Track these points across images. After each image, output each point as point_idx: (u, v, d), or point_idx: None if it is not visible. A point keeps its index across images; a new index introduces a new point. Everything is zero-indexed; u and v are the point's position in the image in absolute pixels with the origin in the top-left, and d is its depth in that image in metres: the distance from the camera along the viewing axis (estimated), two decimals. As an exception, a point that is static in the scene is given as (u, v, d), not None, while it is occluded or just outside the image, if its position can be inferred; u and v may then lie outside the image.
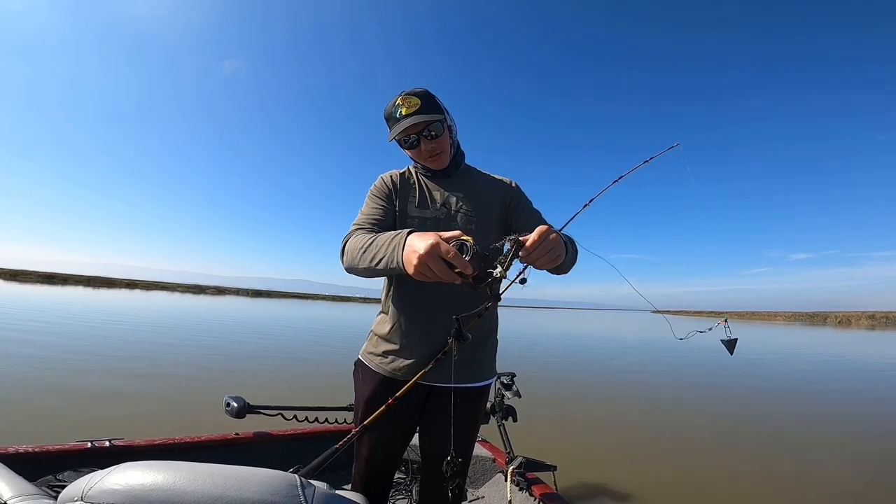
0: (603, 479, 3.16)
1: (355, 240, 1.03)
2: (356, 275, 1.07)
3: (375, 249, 0.93)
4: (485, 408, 1.31)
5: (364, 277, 1.08)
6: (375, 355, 1.17)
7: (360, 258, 0.98)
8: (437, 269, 0.76)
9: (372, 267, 0.95)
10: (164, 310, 20.55)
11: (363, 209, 1.19)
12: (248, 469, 0.58)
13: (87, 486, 0.52)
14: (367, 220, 1.14)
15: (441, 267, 0.75)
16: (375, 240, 0.95)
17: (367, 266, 0.96)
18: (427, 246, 0.76)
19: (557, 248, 0.84)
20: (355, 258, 1.00)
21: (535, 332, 19.57)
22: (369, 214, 1.15)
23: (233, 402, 1.80)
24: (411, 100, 1.07)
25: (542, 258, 0.82)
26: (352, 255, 1.02)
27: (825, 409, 6.16)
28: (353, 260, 1.01)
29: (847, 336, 29.92)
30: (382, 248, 0.91)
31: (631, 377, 8.39)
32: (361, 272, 1.03)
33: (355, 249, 1.00)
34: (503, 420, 2.27)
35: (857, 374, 10.18)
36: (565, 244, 0.94)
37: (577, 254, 1.12)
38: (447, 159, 1.18)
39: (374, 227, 1.12)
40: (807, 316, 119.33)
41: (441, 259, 0.75)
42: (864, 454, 4.14)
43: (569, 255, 1.00)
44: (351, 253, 1.03)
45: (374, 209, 1.16)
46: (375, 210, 1.16)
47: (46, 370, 5.44)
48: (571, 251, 1.05)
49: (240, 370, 6.67)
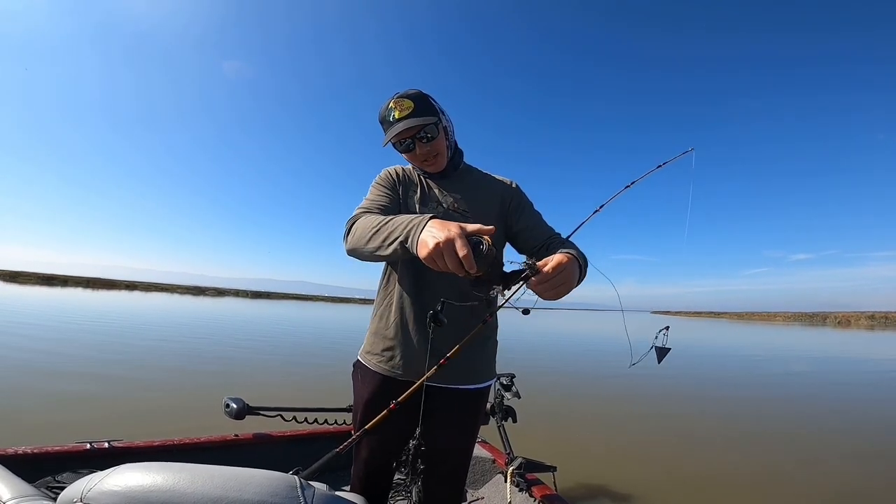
0: (603, 479, 3.16)
1: (368, 219, 0.99)
2: (357, 256, 1.03)
3: (392, 228, 0.89)
4: (484, 409, 1.31)
5: (365, 260, 1.03)
6: (373, 354, 1.17)
7: (370, 237, 0.94)
8: (450, 262, 0.74)
9: (382, 246, 0.90)
10: (163, 311, 20.52)
11: (368, 196, 1.17)
12: (248, 470, 0.58)
13: (87, 488, 0.52)
14: (373, 205, 1.12)
15: (454, 262, 0.74)
16: (392, 219, 0.91)
17: (378, 245, 0.92)
18: (447, 236, 0.73)
19: (569, 283, 0.84)
20: (364, 236, 0.96)
21: (535, 332, 19.57)
22: (375, 200, 1.14)
23: (232, 403, 1.80)
24: (404, 102, 1.05)
25: (550, 292, 0.82)
26: (361, 234, 0.97)
27: (823, 409, 6.16)
28: (362, 238, 0.96)
29: (846, 336, 29.93)
30: (399, 227, 0.86)
31: (630, 378, 8.38)
32: (365, 254, 0.99)
33: (367, 228, 0.96)
34: (503, 421, 2.27)
35: (856, 374, 10.19)
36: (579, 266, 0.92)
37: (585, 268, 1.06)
38: (444, 161, 1.17)
39: (381, 212, 1.10)
40: (806, 316, 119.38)
41: (456, 255, 0.73)
42: (862, 454, 4.14)
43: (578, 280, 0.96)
44: (361, 231, 0.98)
45: (380, 196, 1.15)
46: (381, 197, 1.15)
47: (43, 372, 5.43)
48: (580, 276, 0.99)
49: (239, 372, 6.66)
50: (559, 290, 0.83)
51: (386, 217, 0.94)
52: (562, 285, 0.82)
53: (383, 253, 0.91)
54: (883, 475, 3.62)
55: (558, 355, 12.00)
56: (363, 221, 0.99)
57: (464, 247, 0.72)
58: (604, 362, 11.00)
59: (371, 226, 0.95)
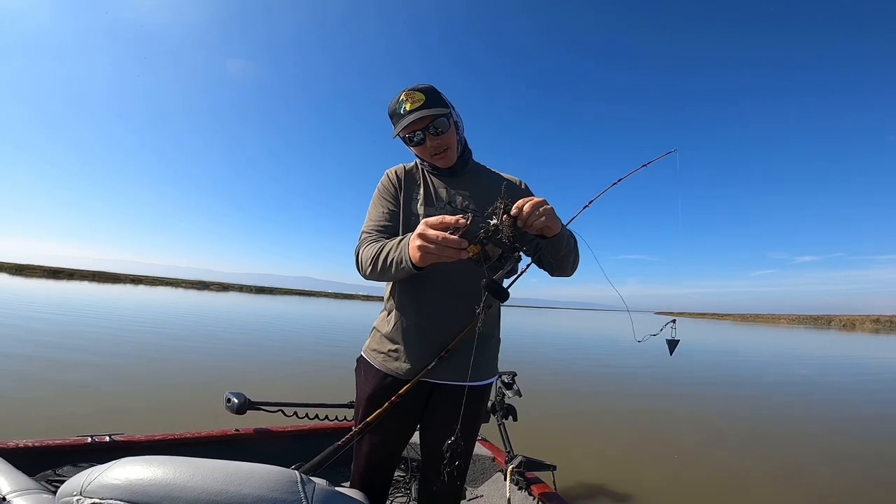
0: (602, 478, 3.16)
1: (366, 250, 1.06)
2: (375, 280, 1.10)
3: (385, 254, 0.98)
4: (486, 407, 1.31)
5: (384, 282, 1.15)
6: (379, 352, 1.16)
7: (373, 267, 1.03)
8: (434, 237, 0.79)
9: (387, 272, 0.99)
10: (167, 305, 20.65)
11: (370, 213, 1.18)
12: (249, 465, 0.58)
13: (87, 481, 0.52)
14: (375, 226, 1.14)
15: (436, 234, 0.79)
16: (384, 246, 1.00)
17: (382, 272, 1.01)
18: (419, 232, 0.82)
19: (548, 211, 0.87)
20: (369, 268, 1.04)
21: (537, 331, 19.56)
22: (377, 220, 1.15)
23: (234, 398, 1.81)
24: (415, 95, 1.05)
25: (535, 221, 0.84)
26: (366, 266, 1.05)
27: (826, 412, 6.13)
28: (368, 270, 1.05)
29: (851, 339, 29.74)
30: (392, 252, 0.95)
31: (631, 377, 8.37)
32: (379, 279, 1.09)
33: (368, 259, 1.04)
34: (503, 419, 2.27)
35: (859, 377, 10.12)
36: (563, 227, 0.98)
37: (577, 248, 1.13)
38: (454, 156, 1.16)
39: (382, 233, 1.12)
40: (811, 319, 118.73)
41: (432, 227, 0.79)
42: (862, 456, 4.12)
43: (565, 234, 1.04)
44: (364, 263, 1.06)
45: (381, 213, 1.15)
46: (382, 215, 1.15)
47: (48, 364, 5.48)
48: (569, 236, 1.08)
49: (241, 367, 6.69)
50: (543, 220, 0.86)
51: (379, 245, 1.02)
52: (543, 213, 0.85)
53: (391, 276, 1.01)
54: (881, 477, 3.60)
55: (560, 355, 11.98)
56: (364, 253, 1.07)
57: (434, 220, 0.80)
58: (605, 361, 10.98)
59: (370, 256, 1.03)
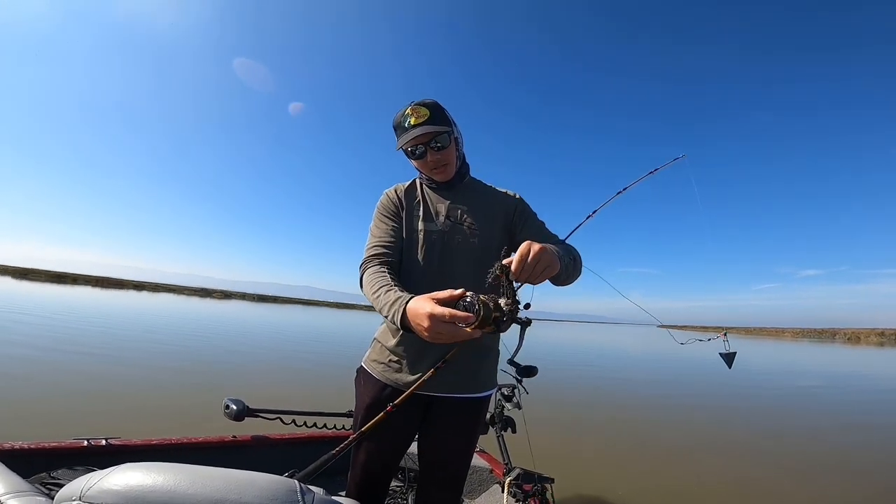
0: (600, 492, 3.11)
1: (367, 280, 1.06)
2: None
3: (380, 305, 0.96)
4: (484, 419, 1.31)
5: None
6: (379, 363, 1.17)
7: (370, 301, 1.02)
8: (447, 332, 0.79)
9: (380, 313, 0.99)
10: (169, 311, 20.63)
11: (373, 230, 1.20)
12: (249, 473, 0.57)
13: (86, 486, 0.52)
14: (378, 243, 1.15)
15: (450, 329, 0.79)
16: (379, 296, 0.98)
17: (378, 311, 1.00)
18: (426, 321, 0.80)
19: (544, 259, 0.85)
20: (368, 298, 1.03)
21: (540, 343, 19.42)
22: (380, 238, 1.17)
23: (232, 404, 1.80)
24: (420, 110, 1.08)
25: (536, 276, 0.84)
26: (366, 296, 1.05)
27: (828, 424, 6.03)
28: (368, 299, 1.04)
29: (855, 353, 29.40)
30: (385, 309, 0.94)
31: (632, 390, 8.29)
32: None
33: (367, 293, 1.04)
34: (502, 431, 2.25)
35: (863, 391, 9.99)
36: (559, 254, 0.95)
37: (577, 262, 1.12)
38: (452, 171, 1.20)
39: (385, 250, 1.14)
40: (815, 332, 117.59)
41: (445, 323, 0.78)
42: (864, 468, 4.05)
43: (564, 264, 1.00)
44: (365, 293, 1.06)
45: (383, 231, 1.18)
46: (385, 232, 1.17)
47: (46, 368, 5.45)
48: (568, 260, 1.05)
49: (240, 373, 6.67)
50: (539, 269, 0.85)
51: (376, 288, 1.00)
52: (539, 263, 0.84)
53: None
54: (882, 488, 3.53)
55: (562, 367, 11.89)
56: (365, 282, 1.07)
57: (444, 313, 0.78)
58: (607, 374, 10.89)
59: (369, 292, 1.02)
